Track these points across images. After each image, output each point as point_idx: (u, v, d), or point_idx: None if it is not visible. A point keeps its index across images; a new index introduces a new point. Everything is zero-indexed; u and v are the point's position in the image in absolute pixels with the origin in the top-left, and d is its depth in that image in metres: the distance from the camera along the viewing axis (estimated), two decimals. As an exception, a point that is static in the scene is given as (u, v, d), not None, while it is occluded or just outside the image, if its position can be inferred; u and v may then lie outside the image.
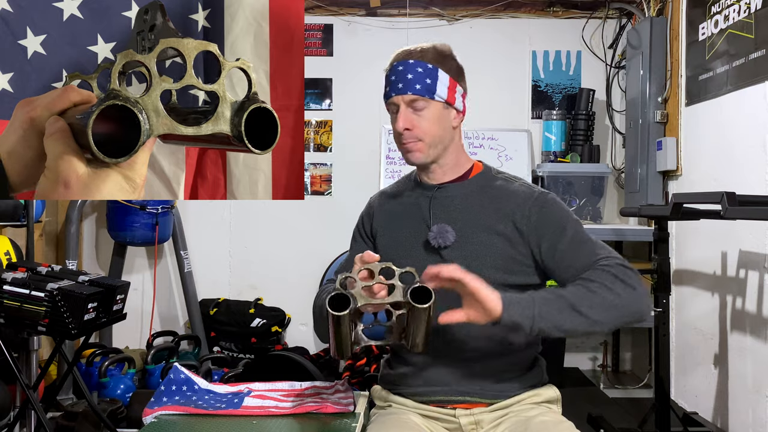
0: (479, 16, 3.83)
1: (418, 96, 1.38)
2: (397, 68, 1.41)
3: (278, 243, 3.85)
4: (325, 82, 3.85)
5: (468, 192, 1.45)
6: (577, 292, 1.23)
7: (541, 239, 1.36)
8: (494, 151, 3.66)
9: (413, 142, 1.40)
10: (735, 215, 1.98)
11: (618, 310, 1.23)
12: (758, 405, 2.45)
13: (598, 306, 1.22)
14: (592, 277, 1.26)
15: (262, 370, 2.65)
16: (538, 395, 1.42)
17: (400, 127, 1.39)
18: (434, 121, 1.40)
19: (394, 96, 1.40)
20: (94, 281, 2.12)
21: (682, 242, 3.12)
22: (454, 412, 1.39)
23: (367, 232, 1.55)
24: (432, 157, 1.43)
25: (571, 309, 1.20)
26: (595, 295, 1.22)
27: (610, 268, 1.27)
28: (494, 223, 1.39)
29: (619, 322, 1.26)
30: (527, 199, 1.40)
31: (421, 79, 1.39)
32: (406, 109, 1.39)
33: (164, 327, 3.81)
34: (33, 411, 2.12)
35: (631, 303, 1.25)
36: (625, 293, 1.24)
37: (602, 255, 1.31)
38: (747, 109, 2.55)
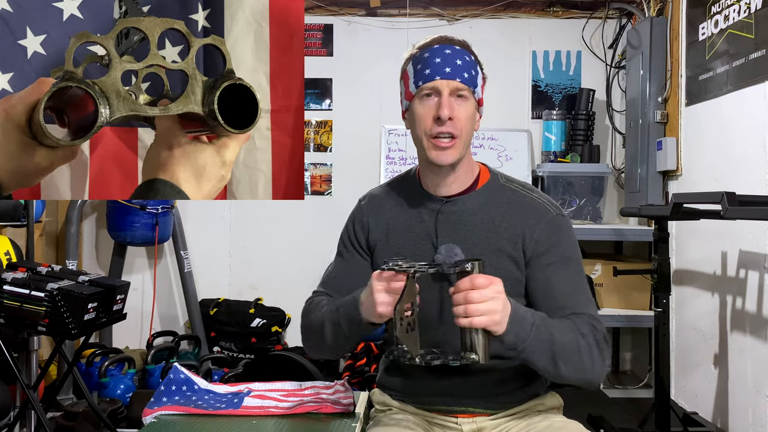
0: (479, 16, 3.83)
1: (465, 86, 1.26)
2: (442, 50, 1.27)
3: (278, 243, 3.85)
4: (325, 82, 3.85)
5: (477, 206, 1.35)
6: (566, 341, 1.20)
7: (539, 259, 1.31)
8: (494, 151, 3.66)
9: (448, 138, 1.26)
10: (735, 215, 1.98)
11: (582, 375, 1.23)
12: (758, 405, 2.45)
13: (572, 365, 1.21)
14: (584, 332, 1.23)
15: (262, 370, 2.65)
16: (542, 404, 1.40)
17: (445, 115, 1.24)
18: (470, 119, 1.29)
19: (438, 80, 1.25)
20: (94, 281, 2.12)
21: (682, 242, 3.12)
22: (456, 420, 1.36)
23: (362, 244, 1.43)
24: (459, 157, 1.30)
25: (550, 357, 1.19)
26: (576, 355, 1.20)
27: (597, 334, 1.24)
28: (504, 243, 1.32)
29: (573, 382, 1.26)
30: (541, 218, 1.32)
31: (468, 69, 1.27)
32: (449, 97, 1.25)
33: (164, 327, 3.81)
34: (33, 411, 2.12)
35: (596, 374, 1.25)
36: (597, 364, 1.23)
37: (593, 313, 1.28)
38: (747, 109, 2.55)
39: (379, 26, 3.84)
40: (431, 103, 1.27)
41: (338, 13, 3.85)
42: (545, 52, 3.85)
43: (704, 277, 2.89)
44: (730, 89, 2.67)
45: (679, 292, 3.08)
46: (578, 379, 1.24)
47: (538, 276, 1.31)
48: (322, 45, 3.86)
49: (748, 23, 2.54)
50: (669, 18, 3.24)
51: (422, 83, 1.27)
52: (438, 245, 1.32)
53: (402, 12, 3.75)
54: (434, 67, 1.26)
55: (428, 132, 1.28)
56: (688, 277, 3.05)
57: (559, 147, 3.66)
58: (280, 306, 3.71)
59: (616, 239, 3.60)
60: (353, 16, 3.85)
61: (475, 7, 3.80)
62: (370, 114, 3.79)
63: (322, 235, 3.76)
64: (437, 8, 3.79)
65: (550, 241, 1.31)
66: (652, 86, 3.28)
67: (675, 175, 3.19)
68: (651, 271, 2.53)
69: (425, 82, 1.27)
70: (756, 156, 2.48)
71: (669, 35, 3.25)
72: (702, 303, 2.90)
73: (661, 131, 3.30)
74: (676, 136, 3.16)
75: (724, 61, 2.72)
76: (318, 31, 3.85)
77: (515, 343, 1.16)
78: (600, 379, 1.27)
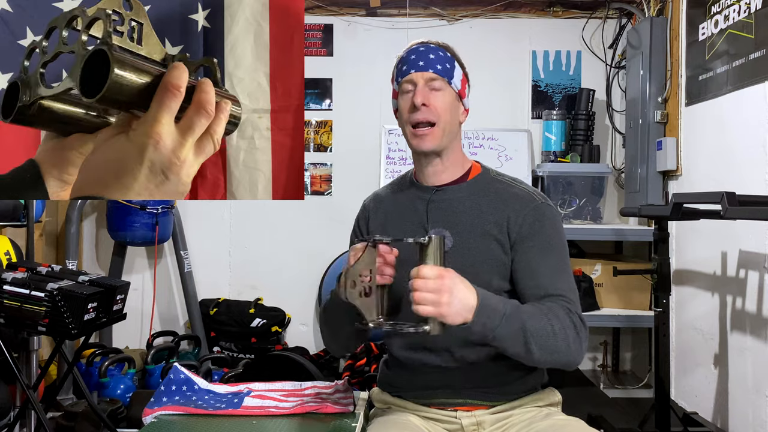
0: (479, 16, 3.83)
1: (438, 76, 1.37)
2: (417, 49, 1.40)
3: (278, 243, 3.85)
4: (325, 82, 3.85)
5: (466, 195, 1.42)
6: (538, 327, 1.22)
7: (522, 243, 1.35)
8: (494, 151, 3.66)
9: (426, 126, 1.37)
10: (735, 215, 1.98)
11: (557, 357, 1.25)
12: (758, 405, 2.45)
13: (546, 349, 1.22)
14: (559, 315, 1.25)
15: (262, 370, 2.64)
16: (541, 399, 1.42)
17: (418, 102, 1.35)
18: (448, 106, 1.38)
19: (412, 72, 1.37)
20: (94, 281, 2.12)
21: (682, 242, 3.12)
22: (455, 413, 1.38)
23: (363, 235, 1.52)
24: (442, 145, 1.39)
25: (523, 344, 1.21)
26: (551, 339, 1.22)
27: (573, 316, 1.27)
28: (491, 228, 1.38)
29: (550, 365, 1.28)
30: (526, 205, 1.39)
31: (442, 62, 1.38)
32: (424, 87, 1.37)
33: (164, 327, 3.81)
34: (33, 411, 2.12)
35: (572, 356, 1.26)
36: (573, 345, 1.25)
37: (570, 297, 1.31)
38: (747, 109, 2.55)
39: (379, 26, 3.84)
40: (409, 95, 1.39)
41: (338, 13, 3.85)
42: (545, 52, 3.85)
43: (704, 277, 2.89)
44: (730, 89, 2.67)
45: (679, 292, 3.08)
46: (554, 362, 1.27)
47: (521, 258, 1.36)
48: (322, 45, 3.86)
49: (748, 23, 2.54)
50: (669, 18, 3.24)
51: (401, 78, 1.40)
52: (428, 230, 1.39)
53: (402, 12, 3.75)
54: (410, 63, 1.39)
55: (407, 120, 1.39)
56: (688, 277, 3.05)
57: (559, 147, 3.66)
58: (280, 306, 3.71)
59: (616, 239, 3.60)
60: (353, 16, 3.85)
61: (475, 7, 3.80)
62: (370, 114, 3.79)
63: (322, 235, 3.78)
64: (437, 8, 3.79)
65: (533, 227, 1.36)
66: (652, 86, 3.28)
67: (675, 175, 3.19)
68: (651, 271, 2.53)
69: (403, 77, 1.40)
70: (756, 156, 2.48)
71: (669, 35, 3.25)
72: (702, 303, 2.90)
73: (661, 131, 3.30)
74: (676, 136, 3.16)
75: (724, 61, 2.72)
76: (318, 31, 3.85)
77: (483, 332, 1.19)
78: (578, 360, 1.28)
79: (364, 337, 1.48)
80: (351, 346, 1.60)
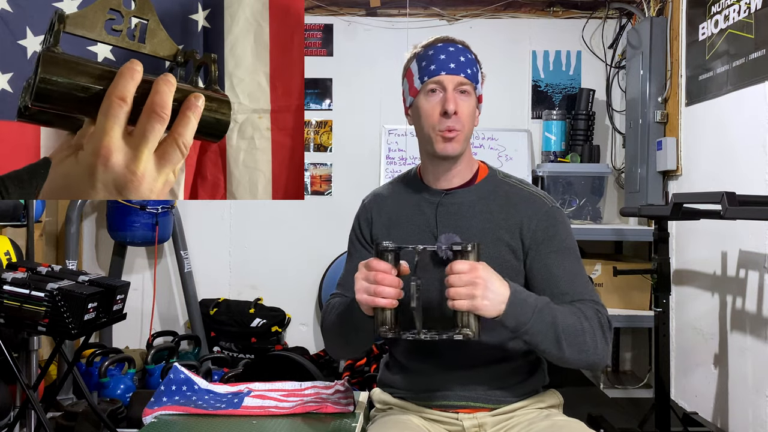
0: (479, 16, 3.83)
1: (468, 81, 1.32)
2: (446, 48, 1.33)
3: (278, 243, 3.85)
4: (325, 82, 3.85)
5: (475, 198, 1.39)
6: (569, 324, 1.23)
7: (537, 249, 1.34)
8: (494, 151, 3.67)
9: (454, 131, 1.31)
10: (735, 215, 1.98)
11: (586, 357, 1.25)
12: (758, 405, 2.45)
13: (576, 347, 1.23)
14: (588, 315, 1.26)
15: (262, 370, 2.65)
16: (542, 401, 1.41)
17: (451, 109, 1.29)
18: (471, 113, 1.35)
19: (442, 74, 1.31)
20: (94, 281, 2.12)
21: (682, 242, 3.12)
22: (457, 415, 1.37)
23: (366, 238, 1.48)
24: (462, 150, 1.35)
25: (554, 340, 1.21)
26: (580, 337, 1.23)
27: (601, 317, 1.28)
28: (503, 233, 1.35)
29: (577, 364, 1.28)
30: (538, 210, 1.36)
31: (471, 66, 1.34)
32: (453, 92, 1.31)
33: (164, 327, 3.81)
34: (33, 411, 2.12)
35: (599, 356, 1.26)
36: (600, 347, 1.26)
37: (595, 298, 1.31)
38: (747, 109, 2.55)
39: (379, 26, 3.84)
40: (436, 98, 1.32)
41: (338, 13, 3.85)
42: (545, 52, 3.85)
43: (704, 277, 2.89)
44: (730, 89, 2.67)
45: (679, 292, 3.08)
46: (582, 361, 1.26)
47: (539, 264, 1.34)
48: (322, 45, 3.86)
49: (748, 23, 2.54)
50: (669, 18, 3.24)
51: (428, 78, 1.32)
52: (438, 235, 1.35)
53: (402, 12, 3.75)
54: (439, 63, 1.31)
55: (436, 126, 1.33)
56: (688, 277, 3.05)
57: (559, 147, 3.66)
58: (280, 306, 3.71)
59: (616, 239, 3.60)
60: (353, 16, 3.85)
61: (475, 7, 3.80)
62: (370, 114, 3.79)
63: (322, 235, 3.78)
64: (437, 8, 3.79)
65: (548, 231, 1.35)
66: (652, 86, 3.28)
67: (675, 175, 3.19)
68: (651, 271, 2.53)
69: (431, 77, 1.32)
70: (756, 156, 2.48)
71: (669, 35, 3.25)
72: (702, 303, 2.90)
73: (661, 131, 3.30)
74: (676, 136, 3.16)
75: (724, 61, 2.72)
76: (318, 31, 3.85)
77: (516, 326, 1.19)
78: (604, 361, 1.29)
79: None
80: (362, 352, 1.58)
